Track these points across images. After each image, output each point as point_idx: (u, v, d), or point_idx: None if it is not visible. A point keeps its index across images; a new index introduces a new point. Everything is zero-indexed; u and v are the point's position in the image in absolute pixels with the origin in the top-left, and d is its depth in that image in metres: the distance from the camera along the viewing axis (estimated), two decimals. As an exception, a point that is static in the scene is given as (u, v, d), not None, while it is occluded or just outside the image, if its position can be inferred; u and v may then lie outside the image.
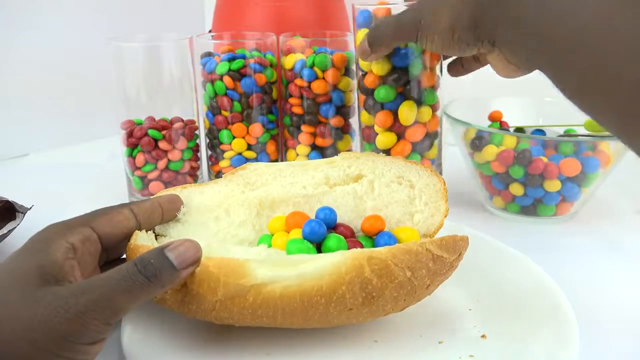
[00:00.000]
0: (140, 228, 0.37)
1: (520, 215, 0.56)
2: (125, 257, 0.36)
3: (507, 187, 0.55)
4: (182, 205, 0.40)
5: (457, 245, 0.35)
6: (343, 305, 0.32)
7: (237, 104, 0.58)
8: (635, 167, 0.57)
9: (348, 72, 0.59)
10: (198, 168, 0.61)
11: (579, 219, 0.56)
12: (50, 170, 0.72)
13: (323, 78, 0.58)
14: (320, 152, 0.61)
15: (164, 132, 0.57)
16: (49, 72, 0.77)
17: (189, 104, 0.60)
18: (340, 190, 0.41)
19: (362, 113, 0.55)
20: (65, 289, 0.28)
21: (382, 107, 0.52)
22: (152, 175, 0.58)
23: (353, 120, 0.62)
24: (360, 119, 0.56)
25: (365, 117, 0.55)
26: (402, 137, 0.53)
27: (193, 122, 0.60)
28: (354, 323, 0.35)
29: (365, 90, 0.53)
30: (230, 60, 0.57)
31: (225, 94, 0.57)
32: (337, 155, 0.43)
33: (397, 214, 0.40)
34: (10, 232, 0.46)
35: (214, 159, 0.62)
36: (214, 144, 0.61)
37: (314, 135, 0.60)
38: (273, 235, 0.39)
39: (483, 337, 0.37)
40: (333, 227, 0.39)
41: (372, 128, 0.54)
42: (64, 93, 0.79)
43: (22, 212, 0.49)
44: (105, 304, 0.28)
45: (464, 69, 0.51)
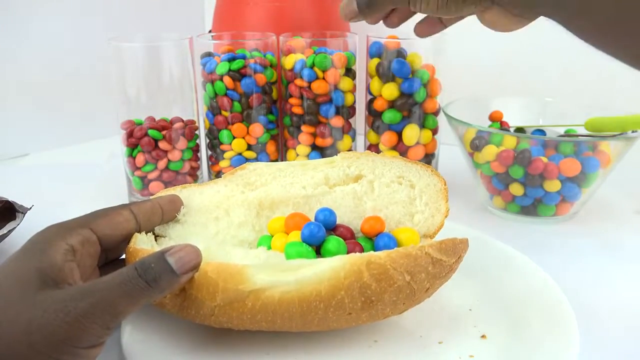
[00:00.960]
0: (140, 229, 0.37)
1: (520, 215, 0.56)
2: (125, 259, 0.36)
3: (507, 187, 0.55)
4: (182, 206, 0.40)
5: (456, 248, 0.34)
6: (342, 310, 0.32)
7: (237, 104, 0.58)
8: (635, 167, 0.57)
9: (349, 72, 0.59)
10: (198, 168, 0.61)
11: (579, 219, 0.56)
12: (50, 170, 0.72)
13: (323, 78, 0.58)
14: (321, 152, 0.61)
15: (164, 132, 0.57)
16: (49, 72, 0.77)
17: (189, 104, 0.60)
18: (340, 191, 0.41)
19: (368, 132, 0.62)
20: (65, 292, 0.28)
21: (388, 128, 0.59)
22: (152, 176, 0.58)
23: (353, 120, 0.62)
24: (367, 138, 0.62)
25: (372, 136, 0.61)
26: (404, 155, 0.59)
27: (193, 122, 0.60)
28: (353, 326, 0.35)
29: (374, 113, 0.59)
30: (230, 61, 0.57)
31: (225, 94, 0.58)
32: (336, 155, 0.43)
33: (397, 215, 0.40)
34: (10, 232, 0.46)
35: (214, 159, 0.62)
36: (214, 144, 0.61)
37: (314, 136, 0.60)
38: (273, 237, 0.39)
39: (483, 337, 0.37)
40: (333, 228, 0.39)
41: (377, 146, 0.61)
42: (64, 93, 0.79)
43: (22, 212, 0.49)
44: (105, 308, 0.28)
45: (429, 30, 0.47)
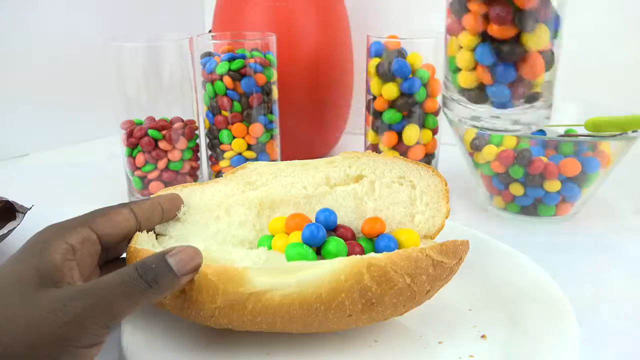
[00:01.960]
0: (140, 228, 0.37)
1: (520, 215, 0.56)
2: (126, 259, 0.36)
3: (507, 187, 0.55)
4: (182, 205, 0.40)
5: (457, 250, 0.34)
6: (342, 312, 0.32)
7: (237, 104, 0.58)
8: (635, 167, 0.57)
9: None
10: (198, 168, 0.61)
11: (579, 219, 0.56)
12: (50, 170, 0.72)
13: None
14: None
15: (164, 132, 0.57)
16: (49, 72, 0.77)
17: (189, 104, 0.60)
18: (341, 191, 0.41)
19: (368, 132, 0.62)
20: (64, 292, 0.28)
21: (388, 127, 0.59)
22: (152, 175, 0.58)
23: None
24: (367, 138, 0.62)
25: (372, 136, 0.61)
26: (404, 155, 0.59)
27: (193, 122, 0.60)
28: (353, 327, 0.35)
29: (374, 112, 0.60)
30: (230, 60, 0.57)
31: (225, 94, 0.57)
32: (337, 155, 0.43)
33: (397, 215, 0.40)
34: (10, 232, 0.46)
35: (214, 159, 0.62)
36: (214, 144, 0.61)
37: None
38: (273, 237, 0.39)
39: (483, 337, 0.37)
40: (333, 228, 0.39)
41: (377, 146, 0.61)
42: (64, 93, 0.79)
43: (22, 212, 0.49)
44: (104, 308, 0.28)
45: None
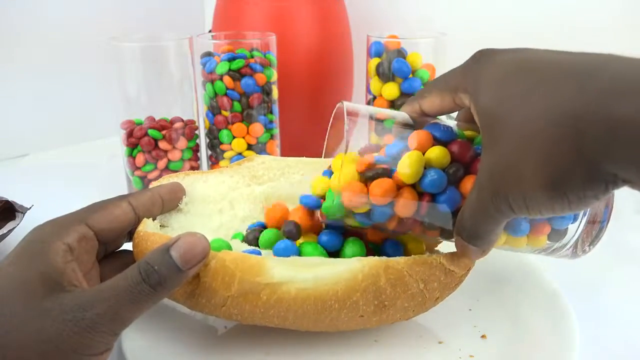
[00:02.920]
0: (139, 221, 0.36)
1: (520, 215, 0.56)
2: (133, 245, 0.35)
3: (507, 187, 0.55)
4: (184, 195, 0.39)
5: (467, 261, 0.34)
6: (355, 312, 0.32)
7: (237, 104, 0.58)
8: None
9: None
10: (198, 168, 0.61)
11: (579, 219, 0.56)
12: (50, 170, 0.72)
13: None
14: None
15: (164, 132, 0.57)
16: (49, 71, 0.77)
17: (189, 104, 0.60)
18: None
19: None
20: (71, 300, 0.28)
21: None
22: (152, 175, 0.58)
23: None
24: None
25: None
26: None
27: (193, 122, 0.60)
28: (361, 328, 0.35)
29: None
30: (230, 60, 0.57)
31: (225, 94, 0.57)
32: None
33: None
34: (10, 232, 0.46)
35: (214, 159, 0.62)
36: (214, 144, 0.61)
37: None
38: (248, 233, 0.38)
39: (483, 337, 0.37)
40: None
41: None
42: (64, 93, 0.79)
43: (22, 212, 0.49)
44: (112, 317, 0.28)
45: None
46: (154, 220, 0.37)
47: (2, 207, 0.49)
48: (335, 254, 0.36)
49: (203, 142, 0.63)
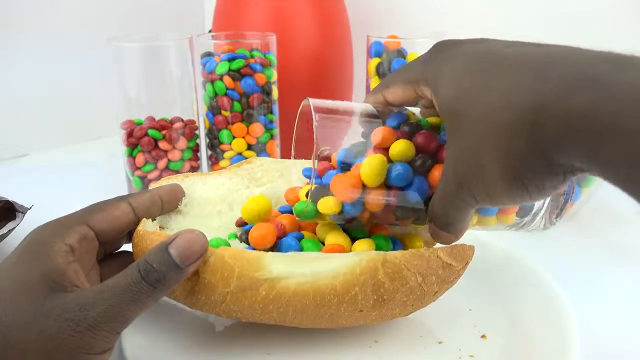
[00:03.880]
0: (139, 222, 0.36)
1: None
2: (132, 245, 0.35)
3: (507, 187, 0.55)
4: (183, 197, 0.39)
5: (465, 255, 0.35)
6: (354, 307, 0.32)
7: (237, 104, 0.58)
8: (635, 167, 0.57)
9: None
10: (198, 168, 0.61)
11: (579, 219, 0.56)
12: (50, 170, 0.72)
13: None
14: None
15: (164, 132, 0.57)
16: (49, 72, 0.77)
17: (189, 104, 0.60)
18: None
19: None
20: (73, 300, 0.28)
21: None
22: (152, 175, 0.58)
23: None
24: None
25: None
26: None
27: (193, 122, 0.60)
28: (361, 324, 0.35)
29: None
30: (230, 60, 0.57)
31: (225, 94, 0.57)
32: None
33: None
34: (10, 232, 0.46)
35: (214, 159, 0.62)
36: (214, 144, 0.61)
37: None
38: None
39: (483, 337, 0.37)
40: None
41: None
42: (64, 93, 0.79)
43: (22, 212, 0.49)
44: (114, 316, 0.28)
45: None
46: (153, 221, 0.37)
47: (2, 207, 0.49)
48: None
49: (203, 142, 0.63)
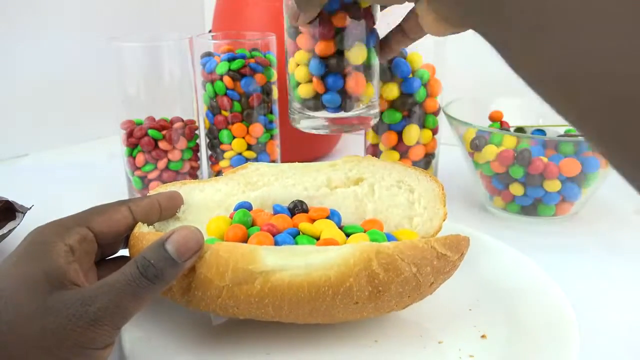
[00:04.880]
0: None
1: (520, 215, 0.56)
2: (129, 247, 0.36)
3: (507, 187, 0.55)
4: (182, 204, 0.40)
5: (460, 245, 0.35)
6: (350, 298, 0.32)
7: (237, 104, 0.58)
8: (635, 167, 0.57)
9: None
10: (198, 168, 0.61)
11: (579, 219, 0.56)
12: (50, 170, 0.72)
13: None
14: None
15: (164, 132, 0.57)
16: (49, 72, 0.77)
17: (189, 104, 0.60)
18: (341, 193, 0.42)
19: (368, 132, 0.61)
20: (74, 296, 0.28)
21: (388, 128, 0.58)
22: (152, 175, 0.58)
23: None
24: (367, 138, 0.61)
25: (372, 136, 0.60)
26: (404, 156, 0.58)
27: (193, 122, 0.60)
28: (358, 319, 0.35)
29: None
30: (230, 60, 0.57)
31: (225, 94, 0.57)
32: (339, 159, 0.43)
33: (396, 217, 0.41)
34: (10, 232, 0.46)
35: (214, 159, 0.62)
36: (214, 144, 0.61)
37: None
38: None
39: (483, 337, 0.37)
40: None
41: (377, 146, 0.59)
42: (64, 93, 0.79)
43: (22, 212, 0.49)
44: (114, 311, 0.28)
45: (393, 50, 0.47)
46: (149, 227, 0.38)
47: (2, 207, 0.49)
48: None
49: (203, 142, 0.63)
